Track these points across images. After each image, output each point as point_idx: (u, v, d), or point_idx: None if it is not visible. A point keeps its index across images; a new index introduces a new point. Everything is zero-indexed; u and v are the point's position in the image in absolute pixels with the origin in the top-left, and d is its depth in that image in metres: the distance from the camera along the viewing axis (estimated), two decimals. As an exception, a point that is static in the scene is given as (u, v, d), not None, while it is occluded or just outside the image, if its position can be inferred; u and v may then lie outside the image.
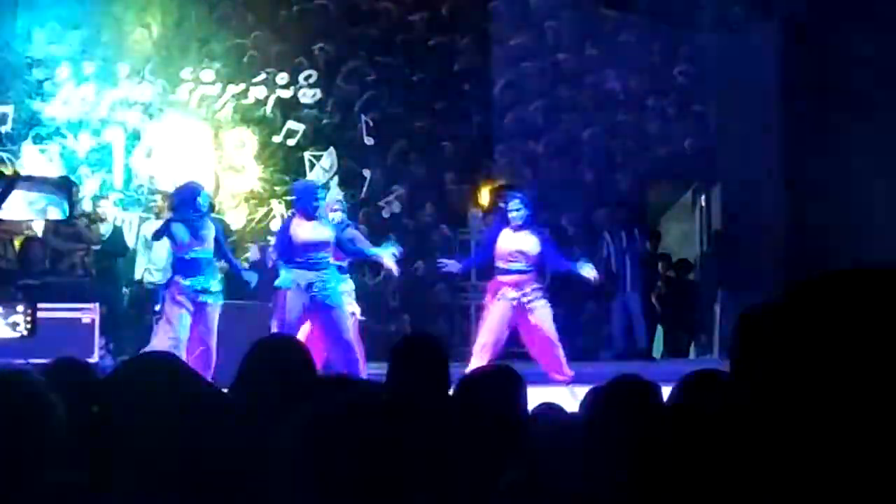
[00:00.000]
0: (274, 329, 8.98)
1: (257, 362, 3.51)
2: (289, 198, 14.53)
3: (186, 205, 9.40)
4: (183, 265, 9.38)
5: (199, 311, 9.33)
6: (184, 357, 8.11)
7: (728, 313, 14.63)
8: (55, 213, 8.70)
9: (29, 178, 9.33)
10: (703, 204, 15.86)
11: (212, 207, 13.52)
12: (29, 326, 8.83)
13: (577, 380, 9.84)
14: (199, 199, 9.45)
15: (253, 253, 13.65)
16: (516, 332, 10.00)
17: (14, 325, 8.88)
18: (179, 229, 9.33)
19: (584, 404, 3.65)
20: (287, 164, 14.58)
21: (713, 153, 15.40)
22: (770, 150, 14.47)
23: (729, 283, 14.76)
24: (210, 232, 9.48)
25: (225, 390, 3.54)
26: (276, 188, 14.56)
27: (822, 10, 13.31)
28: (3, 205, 8.20)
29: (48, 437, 2.60)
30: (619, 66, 15.40)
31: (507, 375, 3.85)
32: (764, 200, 14.45)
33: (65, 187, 8.80)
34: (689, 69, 15.49)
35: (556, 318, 14.44)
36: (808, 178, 13.84)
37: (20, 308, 8.91)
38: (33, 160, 13.87)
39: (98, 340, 11.79)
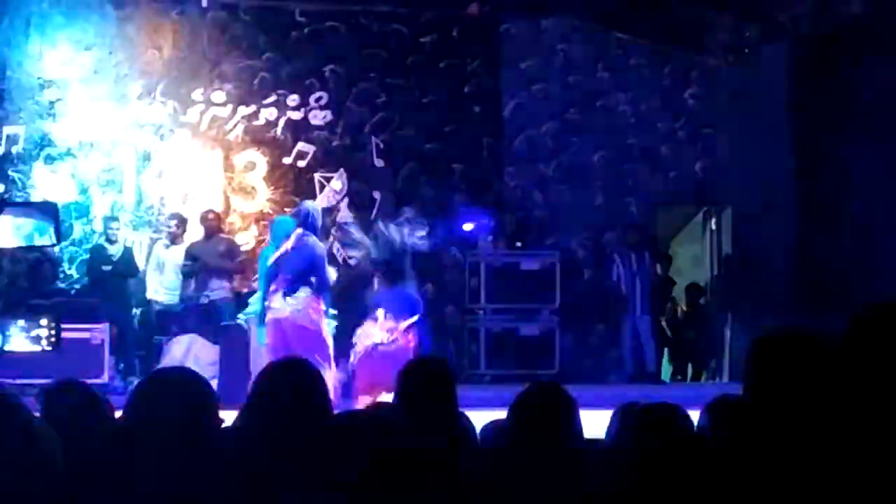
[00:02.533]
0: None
1: (269, 385, 3.49)
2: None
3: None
4: None
5: None
6: None
7: (738, 337, 14.58)
8: (43, 240, 8.66)
9: (14, 205, 9.32)
10: (714, 227, 15.82)
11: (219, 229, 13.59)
12: (53, 341, 8.79)
13: (585, 403, 9.79)
14: None
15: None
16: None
17: (37, 339, 8.83)
18: None
19: (613, 429, 3.64)
20: (297, 186, 14.58)
21: (724, 176, 15.38)
22: (780, 173, 14.44)
23: (739, 307, 14.71)
24: None
25: (234, 412, 3.52)
26: (286, 210, 14.55)
27: (833, 33, 13.29)
28: None
29: (43, 465, 2.56)
30: (630, 90, 15.41)
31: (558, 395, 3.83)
32: (774, 224, 14.41)
33: (51, 213, 8.75)
34: (699, 92, 15.49)
35: (565, 341, 14.51)
36: (819, 201, 13.80)
37: (44, 322, 8.86)
38: (44, 181, 13.89)
39: (108, 361, 11.78)
